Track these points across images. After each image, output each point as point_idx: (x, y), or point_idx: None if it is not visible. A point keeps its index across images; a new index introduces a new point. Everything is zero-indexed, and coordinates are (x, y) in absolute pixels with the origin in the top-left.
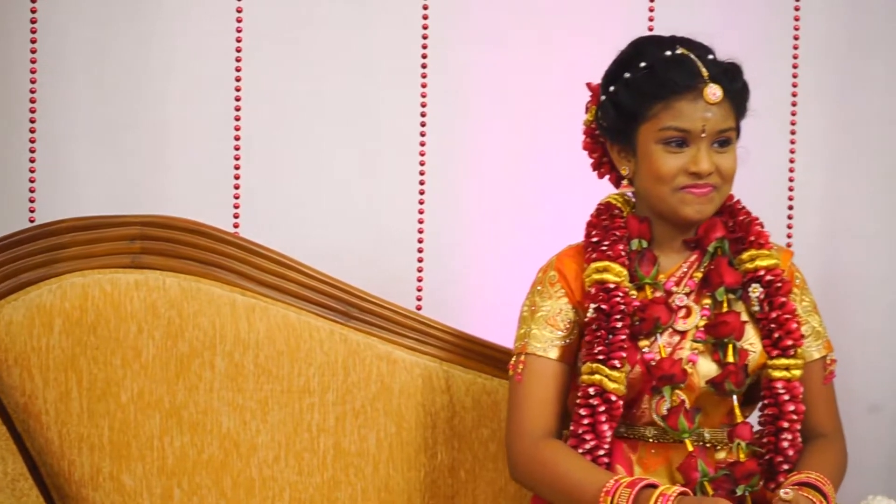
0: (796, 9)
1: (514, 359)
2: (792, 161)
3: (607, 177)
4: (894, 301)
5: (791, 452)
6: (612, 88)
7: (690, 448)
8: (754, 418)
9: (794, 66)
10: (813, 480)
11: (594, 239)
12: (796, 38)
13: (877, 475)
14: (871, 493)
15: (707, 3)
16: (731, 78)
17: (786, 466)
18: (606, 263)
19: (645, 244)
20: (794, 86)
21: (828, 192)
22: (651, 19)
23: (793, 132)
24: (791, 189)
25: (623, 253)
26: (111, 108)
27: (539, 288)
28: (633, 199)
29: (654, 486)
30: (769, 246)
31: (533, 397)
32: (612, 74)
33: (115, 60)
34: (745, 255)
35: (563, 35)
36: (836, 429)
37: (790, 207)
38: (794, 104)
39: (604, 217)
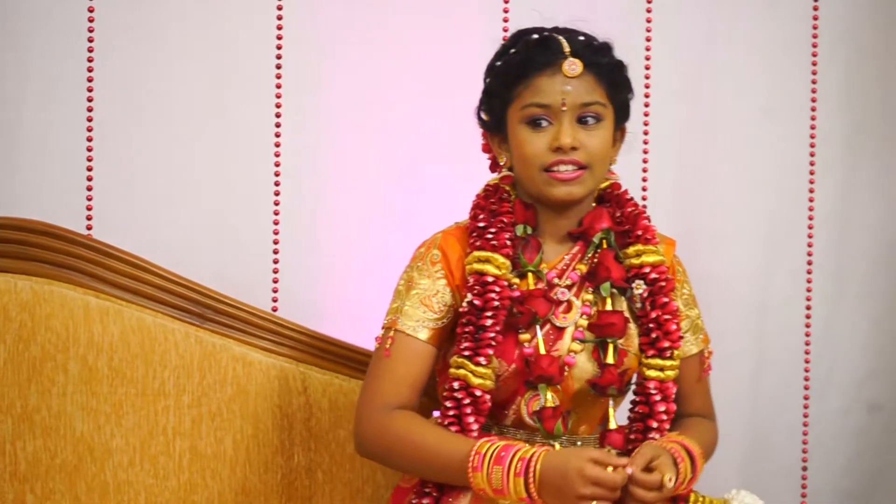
0: (648, 11)
1: (383, 332)
2: (645, 161)
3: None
4: (748, 300)
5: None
6: (487, 80)
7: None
8: (621, 414)
9: (647, 68)
10: (688, 444)
11: (480, 224)
12: (648, 38)
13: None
14: (735, 488)
15: (559, 1)
16: (596, 52)
17: None
18: (489, 254)
19: (530, 230)
20: (647, 87)
21: (680, 192)
22: (505, 20)
23: (645, 133)
24: (644, 190)
25: (508, 242)
26: None
27: (420, 264)
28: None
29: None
30: (655, 241)
31: (395, 374)
32: (488, 66)
33: None
34: (631, 251)
35: (418, 33)
36: (712, 413)
37: (644, 208)
38: (646, 105)
39: (492, 200)
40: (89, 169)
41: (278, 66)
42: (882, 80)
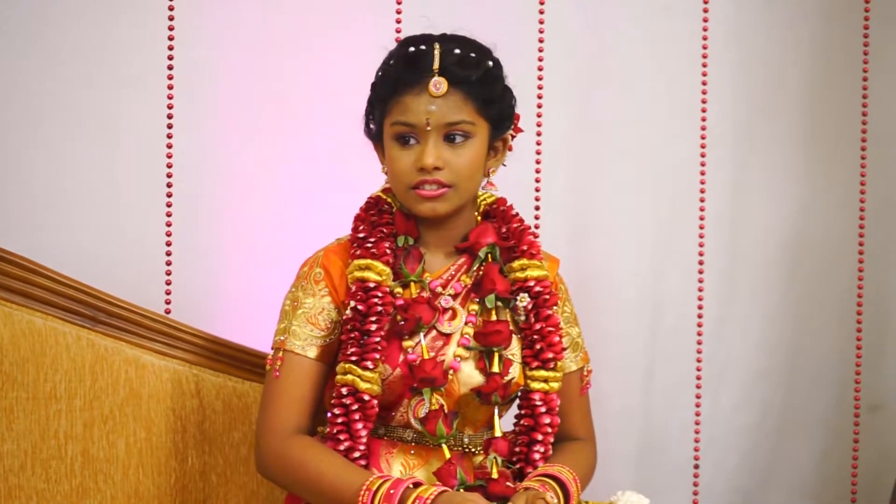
0: (541, 13)
1: (272, 353)
2: (538, 162)
3: None
4: (640, 300)
5: (541, 464)
6: (370, 90)
7: (448, 455)
8: (508, 422)
9: (539, 69)
10: (555, 473)
11: (360, 234)
12: (541, 39)
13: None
14: (621, 489)
15: (451, 4)
16: (467, 68)
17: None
18: (369, 261)
19: (412, 241)
20: (540, 88)
21: (573, 192)
22: (398, 21)
23: (538, 133)
24: (537, 190)
25: (388, 251)
26: None
27: (303, 283)
28: None
29: (415, 486)
30: (540, 257)
31: (287, 395)
32: (374, 75)
33: None
34: (516, 265)
35: (312, 34)
36: (590, 434)
37: (537, 208)
38: (538, 106)
39: (372, 212)
40: None
41: (170, 67)
42: (771, 81)
